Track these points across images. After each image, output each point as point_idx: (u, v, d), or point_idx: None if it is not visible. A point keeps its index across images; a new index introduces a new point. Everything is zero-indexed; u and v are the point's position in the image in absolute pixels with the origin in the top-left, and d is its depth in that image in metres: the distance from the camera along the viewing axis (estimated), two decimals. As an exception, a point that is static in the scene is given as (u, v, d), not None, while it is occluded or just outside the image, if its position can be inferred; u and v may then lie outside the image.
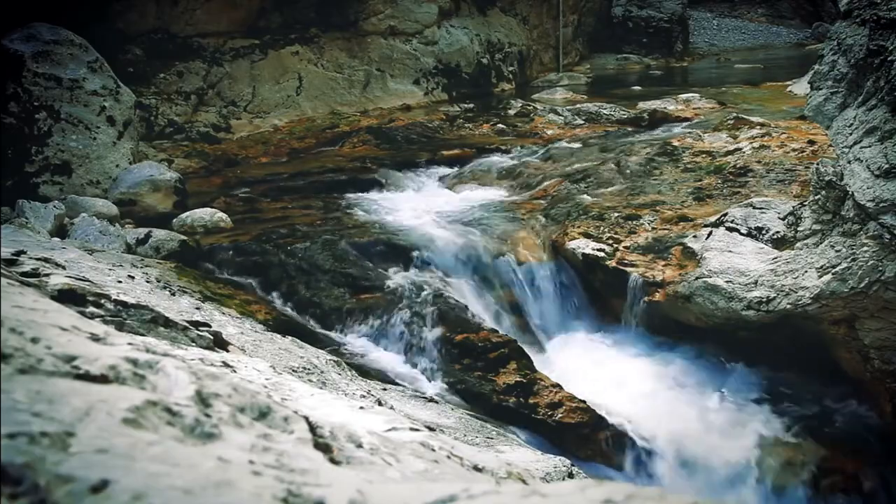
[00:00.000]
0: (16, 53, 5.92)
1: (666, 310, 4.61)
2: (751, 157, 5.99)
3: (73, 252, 3.92)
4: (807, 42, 16.58)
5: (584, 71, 13.37)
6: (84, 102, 6.08)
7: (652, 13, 14.81)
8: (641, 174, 6.15)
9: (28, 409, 0.75)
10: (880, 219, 3.61)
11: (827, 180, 4.11)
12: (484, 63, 11.17)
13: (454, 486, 0.76)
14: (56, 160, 5.92)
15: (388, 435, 1.28)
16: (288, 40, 9.32)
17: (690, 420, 4.09)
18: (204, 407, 0.93)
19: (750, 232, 4.62)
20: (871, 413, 4.04)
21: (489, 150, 7.51)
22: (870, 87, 3.78)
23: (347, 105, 9.60)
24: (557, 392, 4.08)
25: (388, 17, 10.10)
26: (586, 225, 5.24)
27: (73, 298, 1.77)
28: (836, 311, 3.88)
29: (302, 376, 2.82)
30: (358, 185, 6.64)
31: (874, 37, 3.77)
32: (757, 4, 19.04)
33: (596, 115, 8.74)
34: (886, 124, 3.63)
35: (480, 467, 1.45)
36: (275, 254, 4.99)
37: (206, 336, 2.11)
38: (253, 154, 7.92)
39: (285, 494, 0.71)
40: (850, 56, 3.90)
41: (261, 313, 4.31)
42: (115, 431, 0.76)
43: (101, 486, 0.65)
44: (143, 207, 5.80)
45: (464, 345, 4.31)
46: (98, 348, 1.05)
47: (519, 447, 2.95)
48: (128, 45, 8.20)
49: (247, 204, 6.20)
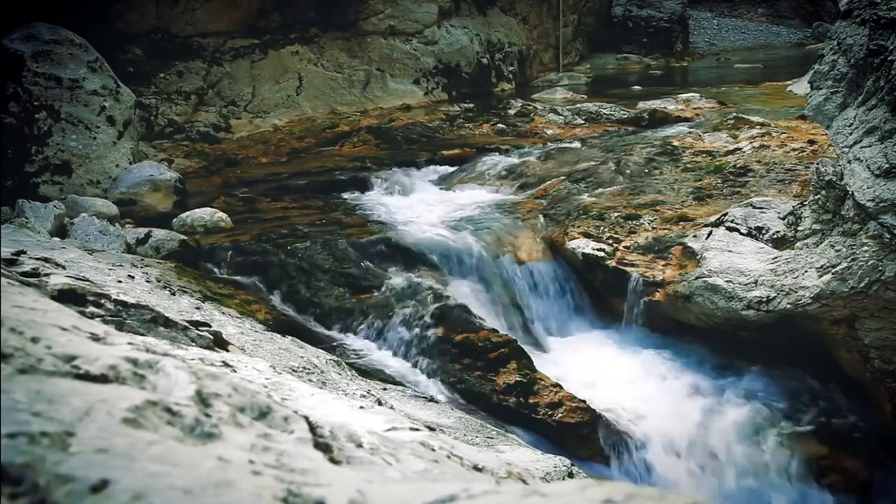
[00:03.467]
0: (16, 53, 5.92)
1: (666, 309, 4.61)
2: (751, 157, 5.99)
3: (73, 252, 3.92)
4: (807, 42, 16.58)
5: (584, 71, 13.37)
6: (84, 102, 6.08)
7: (652, 13, 14.81)
8: (641, 174, 6.15)
9: (28, 408, 0.75)
10: (880, 218, 3.61)
11: (827, 180, 4.11)
12: (484, 63, 11.17)
13: (454, 486, 0.76)
14: (56, 160, 5.92)
15: (388, 435, 1.28)
16: (288, 40, 9.32)
17: (690, 420, 4.08)
18: (204, 407, 0.93)
19: (750, 232, 4.62)
20: (871, 413, 4.04)
21: (489, 150, 7.51)
22: (870, 86, 3.78)
23: (347, 105, 9.60)
24: (557, 392, 4.08)
25: (388, 17, 10.10)
26: (586, 225, 5.24)
27: (73, 298, 1.77)
28: (836, 310, 3.88)
29: (302, 376, 2.82)
30: (358, 185, 6.64)
31: (874, 36, 3.77)
32: (757, 4, 19.04)
33: (596, 115, 8.74)
34: (886, 124, 3.63)
35: (480, 467, 1.45)
36: (275, 254, 4.99)
37: (206, 336, 2.11)
38: (253, 154, 7.92)
39: (285, 494, 0.71)
40: (850, 56, 3.90)
41: (261, 313, 4.31)
42: (115, 431, 0.76)
43: (101, 486, 0.65)
44: (143, 207, 5.80)
45: (464, 344, 4.30)
46: (98, 348, 1.05)
47: (519, 447, 2.95)
48: (128, 45, 8.20)
49: (247, 204, 6.20)
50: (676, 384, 4.34)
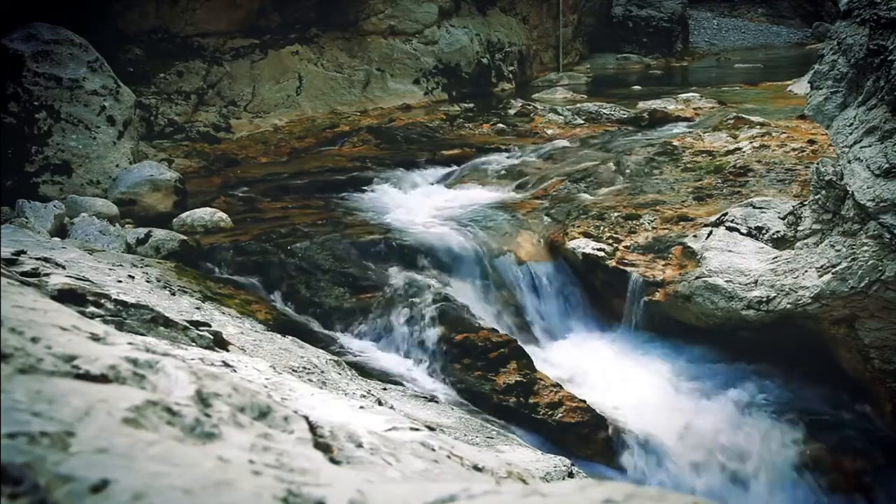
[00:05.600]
0: (16, 53, 5.92)
1: (666, 309, 4.61)
2: (751, 157, 5.99)
3: (73, 252, 3.92)
4: (807, 42, 16.57)
5: (584, 71, 13.37)
6: (84, 102, 6.08)
7: (652, 13, 14.81)
8: (641, 174, 6.15)
9: (28, 408, 0.75)
10: (880, 218, 3.61)
11: (827, 180, 4.11)
12: (484, 63, 11.16)
13: (454, 486, 0.76)
14: (56, 160, 5.92)
15: (389, 435, 1.28)
16: (288, 40, 9.32)
17: (690, 419, 4.08)
18: (204, 407, 0.93)
19: (750, 231, 4.61)
20: (871, 413, 4.04)
21: (489, 150, 7.51)
22: (870, 86, 3.78)
23: (347, 105, 9.60)
24: (557, 392, 4.08)
25: (388, 17, 10.10)
26: (586, 224, 5.24)
27: (73, 298, 1.77)
28: (836, 310, 3.88)
29: (302, 376, 2.82)
30: (358, 184, 6.64)
31: (874, 36, 3.77)
32: (757, 4, 19.04)
33: (596, 115, 8.74)
34: (886, 124, 3.63)
35: (480, 467, 1.45)
36: (275, 253, 4.99)
37: (206, 336, 2.11)
38: (253, 154, 7.92)
39: (285, 494, 0.71)
40: (850, 56, 3.90)
41: (261, 313, 4.31)
42: (115, 431, 0.76)
43: (101, 486, 0.65)
44: (143, 207, 5.80)
45: (464, 344, 4.31)
46: (98, 348, 1.05)
47: (519, 447, 2.95)
48: (128, 44, 8.20)
49: (247, 204, 6.20)
50: (676, 384, 4.34)
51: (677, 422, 4.07)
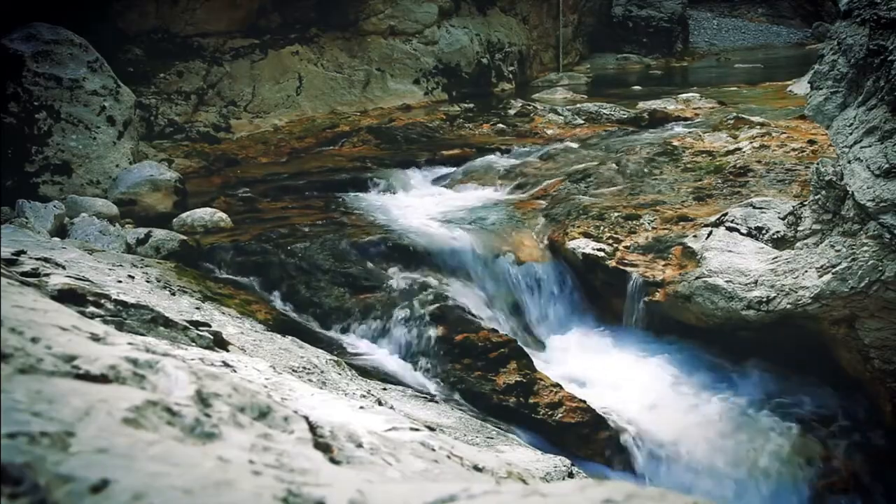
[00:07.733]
0: (16, 53, 5.92)
1: (666, 309, 4.61)
2: (751, 157, 5.99)
3: (73, 252, 3.92)
4: (807, 42, 16.57)
5: (584, 71, 13.37)
6: (84, 102, 6.08)
7: (652, 13, 14.81)
8: (641, 174, 6.15)
9: (28, 408, 0.75)
10: (880, 218, 3.61)
11: (827, 180, 4.11)
12: (484, 63, 11.16)
13: (454, 486, 0.76)
14: (56, 160, 5.92)
15: (388, 435, 1.28)
16: (288, 40, 9.32)
17: (690, 420, 4.08)
18: (204, 407, 0.93)
19: (750, 232, 4.62)
20: (871, 413, 4.04)
21: (489, 150, 7.51)
22: (870, 86, 3.78)
23: (347, 105, 9.60)
24: (557, 392, 4.08)
25: (388, 17, 10.10)
26: (586, 225, 5.24)
27: (73, 298, 1.77)
28: (836, 310, 3.88)
29: (302, 376, 2.82)
30: (358, 184, 6.64)
31: (874, 36, 3.77)
32: (757, 4, 19.04)
33: (596, 115, 8.74)
34: (886, 124, 3.63)
35: (480, 467, 1.45)
36: (275, 254, 4.99)
37: (206, 336, 2.11)
38: (253, 154, 7.92)
39: (285, 494, 0.71)
40: (850, 56, 3.90)
41: (261, 313, 4.31)
42: (115, 431, 0.76)
43: (101, 486, 0.65)
44: (143, 207, 5.80)
45: (464, 344, 4.30)
46: (98, 348, 1.05)
47: (519, 447, 2.95)
48: (128, 44, 8.20)
49: (247, 204, 6.20)
50: (676, 384, 4.34)
51: (677, 422, 4.07)
